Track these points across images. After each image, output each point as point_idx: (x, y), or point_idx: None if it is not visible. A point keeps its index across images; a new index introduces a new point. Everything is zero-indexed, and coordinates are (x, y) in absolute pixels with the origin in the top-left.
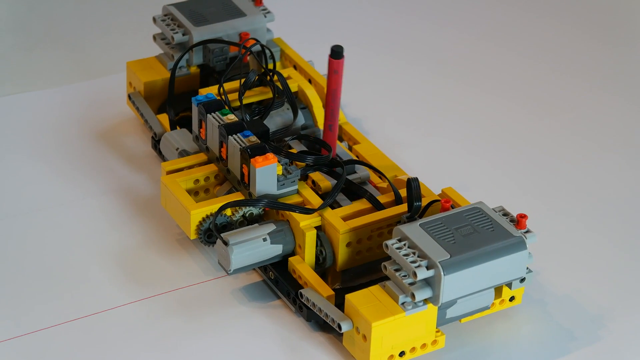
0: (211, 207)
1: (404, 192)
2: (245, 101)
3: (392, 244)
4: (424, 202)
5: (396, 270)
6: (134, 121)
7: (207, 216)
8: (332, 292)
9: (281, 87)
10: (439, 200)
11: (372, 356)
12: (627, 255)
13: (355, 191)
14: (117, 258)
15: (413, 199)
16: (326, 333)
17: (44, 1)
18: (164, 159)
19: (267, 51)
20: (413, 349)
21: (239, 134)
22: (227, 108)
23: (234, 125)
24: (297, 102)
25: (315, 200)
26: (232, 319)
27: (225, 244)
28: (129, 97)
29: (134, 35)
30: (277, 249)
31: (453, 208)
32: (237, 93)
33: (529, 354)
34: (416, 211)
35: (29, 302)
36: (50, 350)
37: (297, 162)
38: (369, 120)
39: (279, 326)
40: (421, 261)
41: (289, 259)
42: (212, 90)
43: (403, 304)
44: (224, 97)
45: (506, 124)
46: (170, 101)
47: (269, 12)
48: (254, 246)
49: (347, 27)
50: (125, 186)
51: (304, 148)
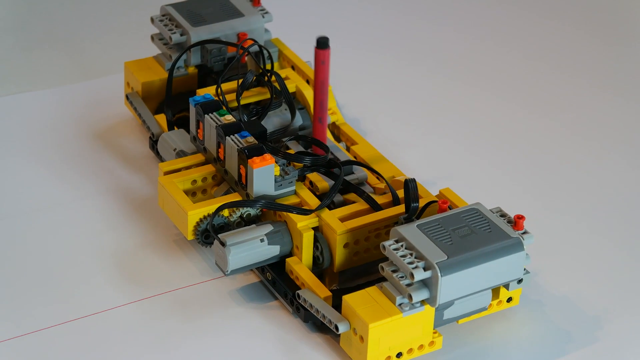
0: (208, 208)
1: (401, 193)
2: (243, 102)
3: (389, 245)
4: (422, 203)
5: (393, 272)
6: (131, 122)
7: (205, 217)
8: (330, 293)
9: (279, 88)
10: (436, 201)
11: (369, 357)
12: (626, 256)
13: (353, 192)
14: (114, 259)
15: (410, 200)
16: (323, 334)
17: (41, 1)
18: (161, 159)
19: (265, 51)
20: (410, 350)
21: (236, 135)
22: (224, 109)
23: (232, 125)
24: (294, 102)
25: (313, 201)
26: (229, 319)
27: (223, 245)
28: (126, 97)
29: (131, 35)
30: (274, 250)
31: (450, 209)
32: (235, 93)
33: (526, 355)
34: (413, 212)
35: (26, 303)
36: (47, 351)
37: (295, 163)
38: (367, 121)
39: (276, 327)
40: (418, 262)
41: (287, 259)
42: (209, 91)
43: (400, 305)
44: (221, 97)
45: (506, 124)
46: (167, 102)
47: (267, 13)
48: (252, 247)
49: (345, 27)
50: (122, 187)
51: (301, 149)
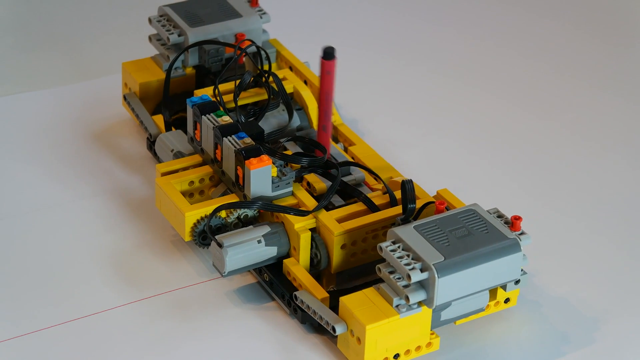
0: (206, 209)
1: (399, 194)
2: (240, 102)
3: (386, 247)
4: (419, 204)
5: (390, 273)
6: (129, 122)
7: (202, 218)
8: (327, 295)
9: (276, 89)
10: (433, 202)
11: (367, 359)
12: (625, 257)
13: (350, 193)
14: (112, 259)
15: (407, 201)
16: (320, 335)
17: (39, 2)
18: (159, 160)
19: (263, 52)
20: (407, 352)
21: (233, 136)
22: (221, 109)
23: (229, 126)
24: (292, 103)
25: (310, 202)
26: (226, 320)
27: (220, 246)
28: (124, 98)
29: (129, 36)
30: (271, 251)
31: (447, 210)
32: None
33: (524, 355)
34: (410, 213)
35: (24, 304)
36: (45, 351)
37: (292, 164)
38: (366, 121)
39: (273, 328)
40: (415, 263)
41: (284, 261)
42: (207, 92)
43: (397, 306)
44: (218, 98)
45: (506, 124)
46: (165, 102)
47: (264, 13)
48: (249, 248)
49: (343, 28)
50: (120, 187)
51: (299, 149)
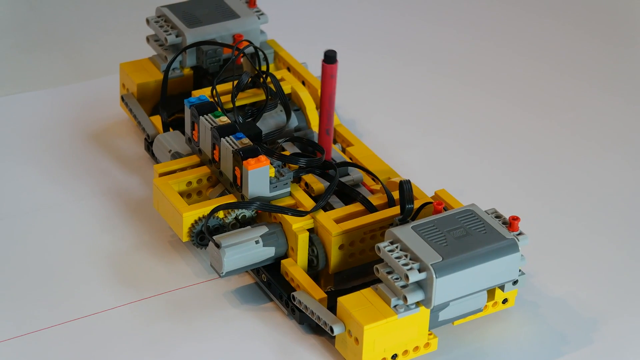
0: (203, 209)
1: (397, 194)
2: (238, 103)
3: (384, 247)
4: (417, 204)
5: (388, 273)
6: (127, 123)
7: (200, 218)
8: (325, 295)
9: (274, 89)
10: (431, 203)
11: (365, 359)
12: (624, 257)
13: (348, 193)
14: (109, 260)
15: (405, 202)
16: (318, 336)
17: (38, 3)
18: (157, 160)
19: (261, 53)
20: (405, 352)
21: (231, 136)
22: (219, 110)
23: (227, 127)
24: (290, 104)
25: (308, 203)
26: (224, 321)
27: (218, 246)
28: (122, 98)
29: (127, 36)
30: (269, 252)
31: (445, 210)
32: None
33: (522, 356)
34: (408, 214)
35: (21, 305)
36: (41, 352)
37: (290, 164)
38: (365, 121)
39: (271, 329)
40: (413, 264)
41: (282, 261)
42: (205, 92)
43: (395, 306)
44: (216, 99)
45: (505, 124)
46: (163, 103)
47: (262, 14)
48: (246, 249)
49: (342, 28)
50: (117, 188)
51: (297, 150)
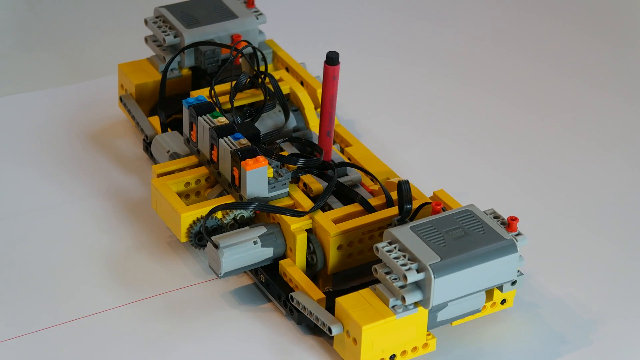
0: (202, 210)
1: (395, 195)
2: (236, 103)
3: (383, 247)
4: (415, 204)
5: (387, 273)
6: (125, 123)
7: (198, 219)
8: (323, 296)
9: (272, 90)
10: (429, 203)
11: (363, 359)
12: (624, 258)
13: (347, 194)
14: (108, 261)
15: (403, 202)
16: (317, 336)
17: (36, 3)
18: (155, 161)
19: (259, 53)
20: (404, 352)
21: (229, 137)
22: (217, 110)
23: (225, 127)
24: (288, 104)
25: (306, 203)
26: (222, 322)
27: (216, 247)
28: (120, 99)
29: (125, 37)
30: (267, 252)
31: (444, 211)
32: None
33: (520, 357)
34: (407, 214)
35: (18, 305)
36: (39, 353)
37: (288, 165)
38: (364, 122)
39: (269, 329)
40: (411, 264)
41: (280, 261)
42: (203, 93)
43: (394, 307)
44: (214, 99)
45: (505, 124)
46: (161, 103)
47: (261, 14)
48: (245, 249)
49: (341, 28)
50: (116, 188)
51: (295, 150)
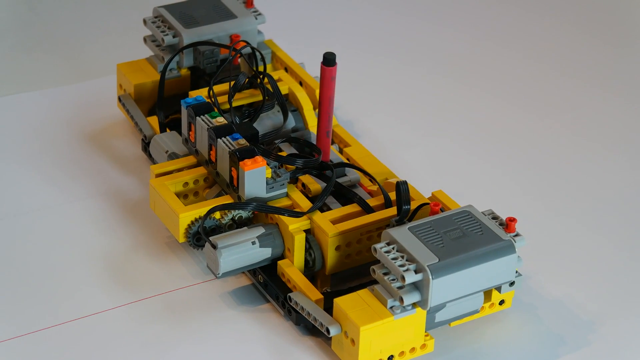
0: (200, 210)
1: (394, 195)
2: (235, 104)
3: (381, 248)
4: (414, 205)
5: (385, 274)
6: (124, 123)
7: (196, 219)
8: (321, 296)
9: (271, 90)
10: (428, 204)
11: None
12: (623, 258)
13: (345, 194)
14: (106, 261)
15: (402, 203)
16: (315, 337)
17: (35, 3)
18: (154, 161)
19: (258, 53)
20: (402, 353)
21: (228, 137)
22: (216, 110)
23: (223, 128)
24: (287, 104)
25: (305, 204)
26: (220, 322)
27: (214, 247)
28: (119, 99)
29: (124, 37)
30: (266, 253)
31: (442, 211)
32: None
33: (518, 358)
34: (405, 215)
35: (16, 306)
36: (37, 353)
37: (287, 165)
38: (364, 122)
39: (267, 330)
40: (410, 265)
41: (278, 262)
42: (202, 93)
43: (391, 307)
44: (213, 99)
45: (505, 124)
46: (160, 103)
47: (260, 14)
48: (243, 249)
49: (340, 28)
50: (114, 189)
51: (294, 151)
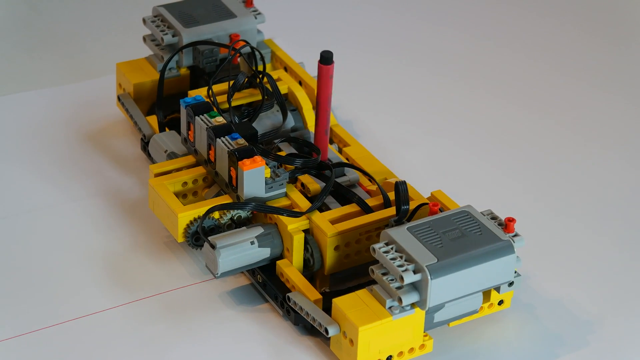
0: (199, 210)
1: (393, 195)
2: (234, 103)
3: (379, 248)
4: (413, 205)
5: (383, 274)
6: (123, 123)
7: (195, 219)
8: (320, 296)
9: (270, 89)
10: (427, 204)
11: None
12: (623, 259)
13: (344, 194)
14: (104, 261)
15: (401, 203)
16: (314, 337)
17: (34, 3)
18: (153, 161)
19: (257, 53)
20: (401, 354)
21: (227, 137)
22: (215, 110)
23: (222, 127)
24: (286, 104)
25: (304, 204)
26: (219, 322)
27: (213, 247)
28: (118, 98)
29: (123, 36)
30: (264, 253)
31: (441, 211)
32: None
33: (517, 358)
34: (404, 215)
35: (15, 306)
36: (35, 354)
37: (286, 165)
38: (364, 122)
39: (266, 330)
40: (408, 265)
41: (277, 262)
42: (201, 92)
43: (390, 308)
44: (212, 99)
45: (506, 125)
46: (159, 103)
47: (259, 14)
48: (242, 249)
49: (340, 28)
50: (113, 188)
51: (293, 150)
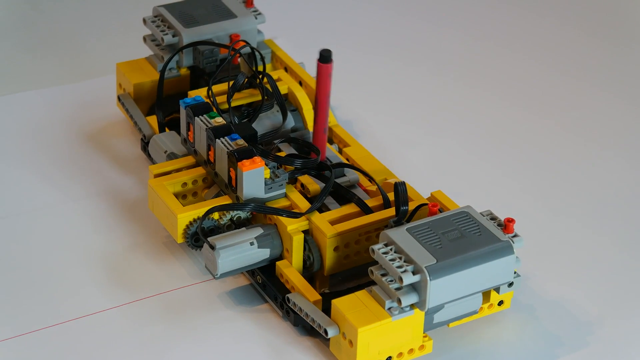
0: (198, 210)
1: (392, 196)
2: (234, 103)
3: (379, 249)
4: (412, 205)
5: (382, 275)
6: (123, 123)
7: (194, 220)
8: (319, 297)
9: (270, 90)
10: (426, 204)
11: None
12: (623, 259)
13: (344, 195)
14: (104, 261)
15: (400, 203)
16: (313, 338)
17: (33, 3)
18: (153, 161)
19: (257, 53)
20: (400, 354)
21: (226, 137)
22: (214, 111)
23: (222, 128)
24: (286, 104)
25: (303, 204)
26: (218, 323)
27: (212, 248)
28: (118, 98)
29: (123, 36)
30: (264, 253)
31: (441, 212)
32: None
33: (517, 358)
34: (403, 215)
35: (14, 306)
36: (34, 354)
37: (286, 166)
38: (364, 122)
39: (265, 331)
40: (407, 266)
41: (277, 263)
42: (201, 93)
43: (389, 309)
44: (212, 99)
45: (506, 125)
46: (159, 103)
47: (259, 14)
48: (241, 250)
49: (340, 28)
50: (113, 188)
51: (293, 151)
